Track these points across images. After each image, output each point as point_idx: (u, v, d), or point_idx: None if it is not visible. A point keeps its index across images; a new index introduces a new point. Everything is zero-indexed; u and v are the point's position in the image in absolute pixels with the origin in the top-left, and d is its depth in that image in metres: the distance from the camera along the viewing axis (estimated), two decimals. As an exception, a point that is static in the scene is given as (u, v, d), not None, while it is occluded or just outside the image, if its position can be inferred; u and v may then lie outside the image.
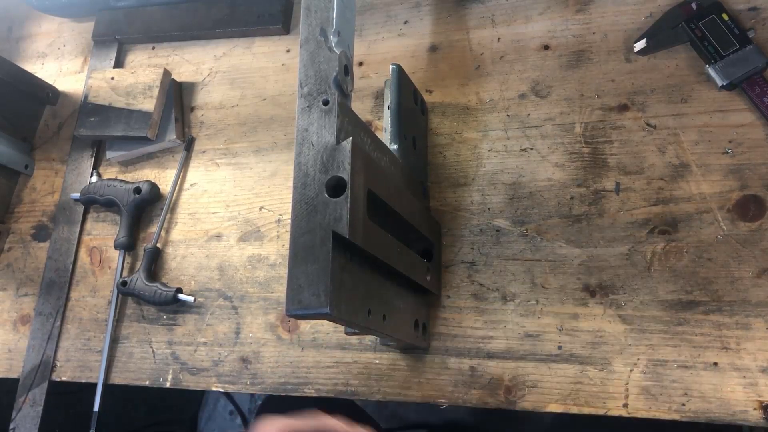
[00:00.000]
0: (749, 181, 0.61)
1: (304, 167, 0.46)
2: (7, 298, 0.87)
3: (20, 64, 0.97)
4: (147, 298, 0.76)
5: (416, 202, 0.61)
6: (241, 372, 0.72)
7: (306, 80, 0.48)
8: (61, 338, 0.82)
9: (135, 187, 0.81)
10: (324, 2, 0.49)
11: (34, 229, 0.89)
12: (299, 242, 0.43)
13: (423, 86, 0.76)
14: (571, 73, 0.70)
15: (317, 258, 0.42)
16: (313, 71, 0.48)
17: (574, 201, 0.66)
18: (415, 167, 0.67)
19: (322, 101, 0.47)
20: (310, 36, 0.49)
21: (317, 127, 0.46)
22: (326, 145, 0.45)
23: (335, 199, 0.43)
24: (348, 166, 0.44)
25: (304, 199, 0.44)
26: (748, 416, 0.56)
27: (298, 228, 0.44)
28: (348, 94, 0.49)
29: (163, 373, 0.75)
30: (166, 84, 0.86)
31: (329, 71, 0.47)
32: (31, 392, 0.80)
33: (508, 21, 0.75)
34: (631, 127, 0.66)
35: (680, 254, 0.61)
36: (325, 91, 0.47)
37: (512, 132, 0.70)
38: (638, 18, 0.69)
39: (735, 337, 0.58)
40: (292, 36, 0.86)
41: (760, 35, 0.64)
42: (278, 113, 0.82)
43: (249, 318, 0.74)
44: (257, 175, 0.80)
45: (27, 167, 0.92)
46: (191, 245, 0.80)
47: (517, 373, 0.62)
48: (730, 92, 0.64)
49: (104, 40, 0.94)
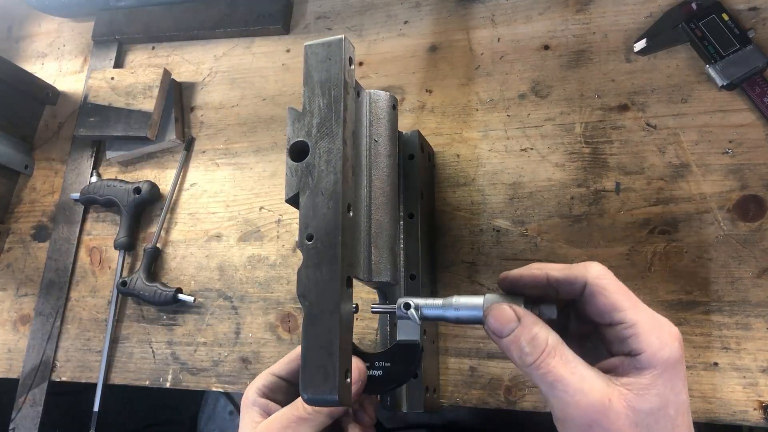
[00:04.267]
0: (749, 181, 0.61)
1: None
2: (7, 298, 0.87)
3: (20, 64, 0.97)
4: (147, 298, 0.76)
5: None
6: (241, 372, 0.72)
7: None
8: (61, 338, 0.82)
9: (135, 187, 0.81)
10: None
11: (34, 229, 0.89)
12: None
13: (423, 86, 0.76)
14: (571, 73, 0.70)
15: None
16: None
17: (574, 201, 0.66)
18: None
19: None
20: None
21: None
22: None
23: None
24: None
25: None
26: (748, 416, 0.56)
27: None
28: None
29: (163, 373, 0.75)
30: (166, 84, 0.86)
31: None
32: (31, 392, 0.80)
33: (508, 21, 0.75)
34: (631, 127, 0.66)
35: (680, 254, 0.61)
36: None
37: (512, 132, 0.70)
38: (638, 18, 0.69)
39: (735, 337, 0.58)
40: (292, 36, 0.86)
41: (760, 35, 0.64)
42: (278, 113, 0.82)
43: (249, 318, 0.74)
44: (257, 175, 0.80)
45: (27, 167, 0.92)
46: (191, 245, 0.80)
47: (517, 373, 0.62)
48: (730, 92, 0.64)
49: (104, 40, 0.94)
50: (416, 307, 0.50)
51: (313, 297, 0.44)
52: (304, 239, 0.46)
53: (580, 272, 0.44)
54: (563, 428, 0.42)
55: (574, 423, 0.41)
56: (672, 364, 0.41)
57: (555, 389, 0.41)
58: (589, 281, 0.44)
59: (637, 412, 0.40)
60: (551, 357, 0.42)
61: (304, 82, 0.49)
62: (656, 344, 0.41)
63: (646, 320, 0.42)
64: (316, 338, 0.44)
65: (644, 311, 0.43)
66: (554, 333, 0.43)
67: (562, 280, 0.45)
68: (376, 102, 0.56)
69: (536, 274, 0.46)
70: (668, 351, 0.41)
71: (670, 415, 0.40)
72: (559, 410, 0.42)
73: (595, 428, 0.40)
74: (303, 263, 0.45)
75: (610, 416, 0.40)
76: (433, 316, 0.50)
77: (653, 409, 0.40)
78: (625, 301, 0.43)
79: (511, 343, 0.43)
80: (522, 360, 0.43)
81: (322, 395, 0.43)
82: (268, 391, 0.54)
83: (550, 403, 0.42)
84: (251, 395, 0.54)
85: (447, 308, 0.49)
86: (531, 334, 0.43)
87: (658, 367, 0.41)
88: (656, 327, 0.42)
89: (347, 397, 0.43)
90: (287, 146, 0.48)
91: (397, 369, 0.51)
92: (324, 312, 0.44)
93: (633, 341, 0.42)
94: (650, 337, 0.41)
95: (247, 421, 0.52)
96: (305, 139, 0.48)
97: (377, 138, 0.55)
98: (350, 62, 0.49)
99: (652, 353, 0.41)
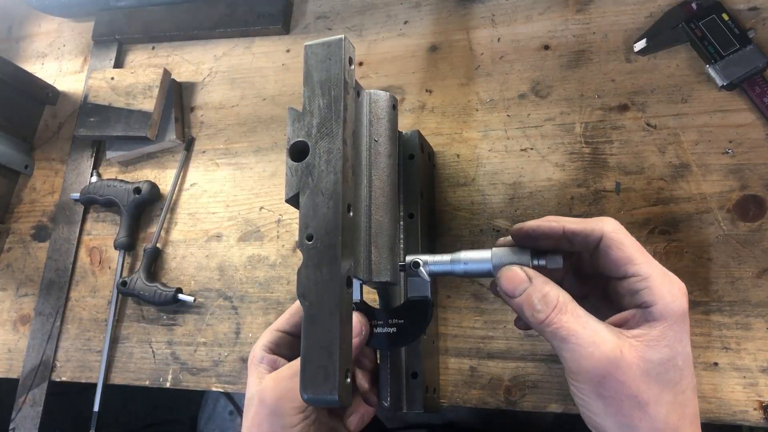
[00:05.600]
0: (749, 181, 0.61)
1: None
2: (7, 298, 0.87)
3: (20, 64, 0.97)
4: (147, 298, 0.76)
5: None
6: (241, 372, 0.72)
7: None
8: (61, 338, 0.82)
9: (135, 187, 0.81)
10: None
11: (34, 229, 0.89)
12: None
13: (423, 86, 0.76)
14: (571, 73, 0.70)
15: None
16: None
17: (574, 201, 0.66)
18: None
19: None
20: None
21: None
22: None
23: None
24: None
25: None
26: (748, 416, 0.56)
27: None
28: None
29: (163, 373, 0.75)
30: (166, 84, 0.86)
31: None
32: (31, 392, 0.80)
33: (508, 21, 0.75)
34: (631, 127, 0.66)
35: (680, 254, 0.61)
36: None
37: (512, 132, 0.70)
38: (638, 18, 0.69)
39: (735, 337, 0.58)
40: (292, 36, 0.86)
41: (760, 35, 0.64)
42: (278, 113, 0.82)
43: (249, 318, 0.74)
44: (257, 175, 0.80)
45: (27, 167, 0.92)
46: (191, 245, 0.80)
47: (517, 373, 0.62)
48: (730, 92, 0.64)
49: (104, 40, 0.94)
50: (425, 263, 0.52)
51: (313, 297, 0.44)
52: (304, 239, 0.46)
53: (597, 225, 0.46)
54: (576, 381, 0.43)
55: (588, 375, 0.42)
56: (681, 317, 0.43)
57: (568, 343, 0.43)
58: (605, 234, 0.46)
59: (649, 362, 0.42)
60: (563, 313, 0.43)
61: (304, 82, 0.49)
62: (668, 297, 0.43)
63: (658, 274, 0.44)
64: (316, 338, 0.44)
65: (657, 266, 0.45)
66: (564, 291, 0.45)
67: (578, 232, 0.46)
68: (376, 102, 0.56)
69: (553, 226, 0.47)
70: (678, 304, 0.43)
71: (678, 366, 0.42)
72: (572, 362, 0.43)
73: (608, 379, 0.42)
74: (303, 263, 0.45)
75: (623, 367, 0.41)
76: (442, 271, 0.52)
77: (663, 359, 0.42)
78: (639, 255, 0.45)
79: (524, 302, 0.45)
80: (534, 317, 0.44)
81: (322, 395, 0.43)
82: (274, 346, 0.56)
83: (563, 357, 0.44)
84: (258, 352, 0.55)
85: (455, 263, 0.51)
86: (542, 293, 0.44)
87: (669, 319, 0.42)
88: (667, 281, 0.44)
89: (347, 397, 0.43)
90: (287, 146, 0.48)
91: (410, 325, 0.53)
92: (324, 312, 0.44)
93: (646, 293, 0.43)
94: (662, 290, 0.43)
95: (254, 377, 0.53)
96: (305, 139, 0.48)
97: (377, 138, 0.55)
98: (350, 62, 0.49)
99: (664, 305, 0.43)
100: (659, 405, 0.42)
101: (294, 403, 0.49)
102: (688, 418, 0.43)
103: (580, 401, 0.44)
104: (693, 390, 0.43)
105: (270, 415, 0.50)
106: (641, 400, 0.41)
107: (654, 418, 0.41)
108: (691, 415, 0.43)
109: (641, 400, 0.41)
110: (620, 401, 0.42)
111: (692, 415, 0.43)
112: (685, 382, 0.43)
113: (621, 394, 0.41)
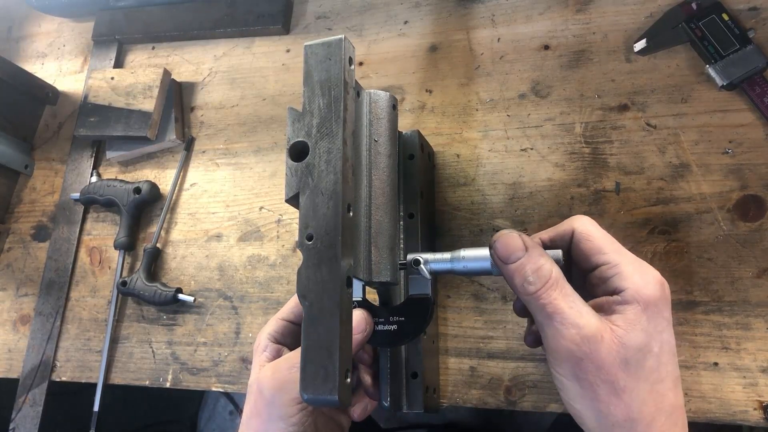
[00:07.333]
0: (749, 181, 0.61)
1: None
2: (7, 298, 0.87)
3: (20, 64, 0.97)
4: (147, 298, 0.76)
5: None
6: (241, 372, 0.72)
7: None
8: (61, 338, 0.82)
9: (135, 187, 0.81)
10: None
11: (34, 229, 0.89)
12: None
13: (423, 86, 0.76)
14: (571, 73, 0.70)
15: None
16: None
17: (574, 201, 0.66)
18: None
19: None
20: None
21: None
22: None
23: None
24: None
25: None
26: (748, 416, 0.56)
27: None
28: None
29: (163, 373, 0.75)
30: (166, 84, 0.86)
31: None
32: (31, 392, 0.80)
33: (508, 21, 0.75)
34: (631, 127, 0.66)
35: (680, 254, 0.61)
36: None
37: (512, 132, 0.70)
38: (638, 18, 0.69)
39: (735, 337, 0.58)
40: (292, 36, 0.86)
41: (760, 35, 0.64)
42: (278, 113, 0.82)
43: (249, 318, 0.74)
44: (257, 175, 0.80)
45: (27, 167, 0.92)
46: (191, 245, 0.80)
47: (517, 373, 0.62)
48: (730, 92, 0.64)
49: (104, 40, 0.94)
50: (425, 261, 0.52)
51: (313, 297, 0.44)
52: (304, 239, 0.46)
53: (568, 225, 0.48)
54: (554, 359, 0.44)
55: (567, 355, 0.42)
56: (654, 302, 0.43)
57: (552, 320, 0.43)
58: (575, 230, 0.47)
59: (627, 348, 0.42)
60: (553, 289, 0.43)
61: (304, 82, 0.49)
62: (639, 282, 0.43)
63: (628, 261, 0.45)
64: (316, 338, 0.44)
65: (627, 255, 0.45)
66: (558, 267, 0.45)
67: (554, 237, 0.48)
68: (376, 102, 0.56)
69: (535, 243, 0.48)
70: (651, 289, 0.43)
71: (654, 352, 0.42)
72: (553, 340, 0.43)
73: (585, 361, 0.42)
74: (303, 263, 0.45)
75: (602, 351, 0.41)
76: (443, 269, 0.52)
77: (639, 345, 0.42)
78: (608, 245, 0.46)
79: (516, 271, 0.45)
80: (524, 288, 0.44)
81: (322, 395, 0.43)
82: (278, 335, 0.56)
83: (545, 333, 0.44)
84: (263, 341, 0.55)
85: (456, 261, 0.51)
86: (537, 265, 0.44)
87: (641, 303, 0.43)
88: (639, 268, 0.44)
89: (347, 398, 0.43)
90: (287, 146, 0.48)
91: (411, 322, 0.53)
92: (324, 312, 0.44)
93: (616, 279, 0.44)
94: (633, 276, 0.44)
95: (256, 364, 0.54)
96: (305, 139, 0.48)
97: (377, 138, 0.55)
98: (350, 62, 0.49)
99: (635, 290, 0.43)
100: (635, 393, 0.41)
101: (291, 394, 0.49)
102: (666, 410, 0.42)
103: (559, 384, 0.44)
104: (674, 381, 0.43)
105: (268, 405, 0.50)
106: (617, 387, 0.41)
107: (629, 406, 0.41)
108: (671, 407, 0.42)
109: (617, 386, 0.41)
110: (596, 386, 0.42)
111: (672, 407, 0.42)
112: (663, 371, 0.42)
113: (597, 378, 0.42)
